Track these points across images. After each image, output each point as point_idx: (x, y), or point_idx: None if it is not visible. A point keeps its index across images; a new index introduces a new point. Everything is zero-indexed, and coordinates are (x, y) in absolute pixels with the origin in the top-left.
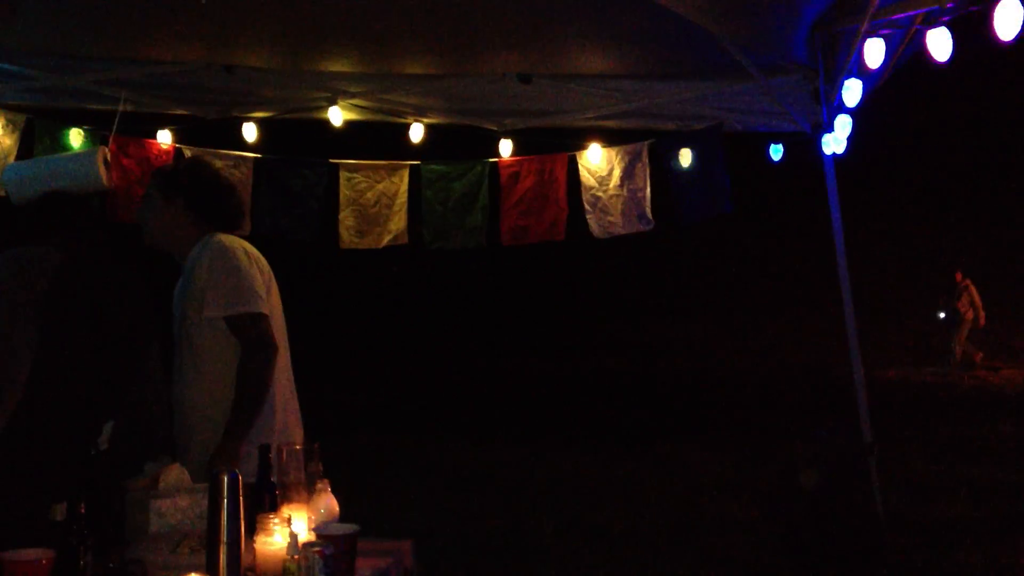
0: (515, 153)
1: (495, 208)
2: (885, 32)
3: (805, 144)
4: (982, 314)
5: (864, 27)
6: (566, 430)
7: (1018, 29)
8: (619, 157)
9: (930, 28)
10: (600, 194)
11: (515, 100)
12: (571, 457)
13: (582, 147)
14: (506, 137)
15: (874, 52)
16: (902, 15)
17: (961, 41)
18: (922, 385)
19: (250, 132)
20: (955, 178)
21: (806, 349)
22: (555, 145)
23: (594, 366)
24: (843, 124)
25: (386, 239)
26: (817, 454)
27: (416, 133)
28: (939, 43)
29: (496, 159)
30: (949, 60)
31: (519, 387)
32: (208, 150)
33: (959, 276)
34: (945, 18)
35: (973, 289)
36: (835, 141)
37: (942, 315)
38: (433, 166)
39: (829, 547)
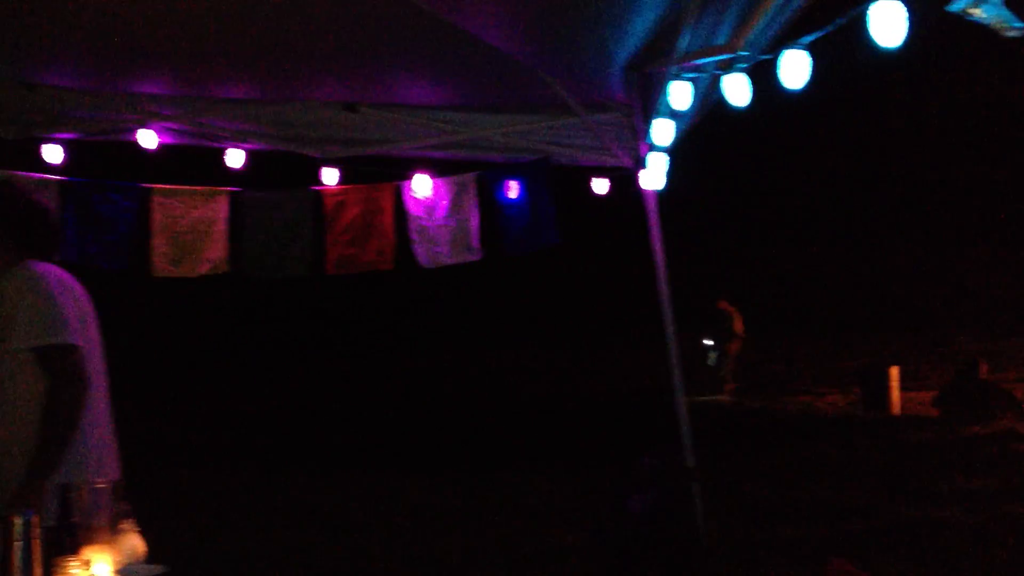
0: (341, 182)
1: (320, 237)
2: (691, 76)
3: (628, 179)
4: (738, 342)
5: (670, 70)
6: (399, 459)
7: (805, 78)
8: (447, 187)
9: (728, 74)
10: (427, 224)
11: (340, 128)
12: (409, 487)
13: (409, 177)
14: (331, 165)
15: (680, 94)
16: (705, 60)
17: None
18: (750, 410)
19: (55, 154)
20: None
21: (635, 376)
22: (382, 174)
23: (431, 394)
24: (657, 161)
25: (203, 268)
26: (642, 480)
27: (235, 158)
28: (736, 89)
29: (321, 187)
30: (749, 105)
31: (353, 416)
32: (7, 172)
33: (723, 304)
34: (741, 65)
35: (737, 317)
36: (652, 177)
37: (709, 343)
38: (254, 193)
39: (653, 572)
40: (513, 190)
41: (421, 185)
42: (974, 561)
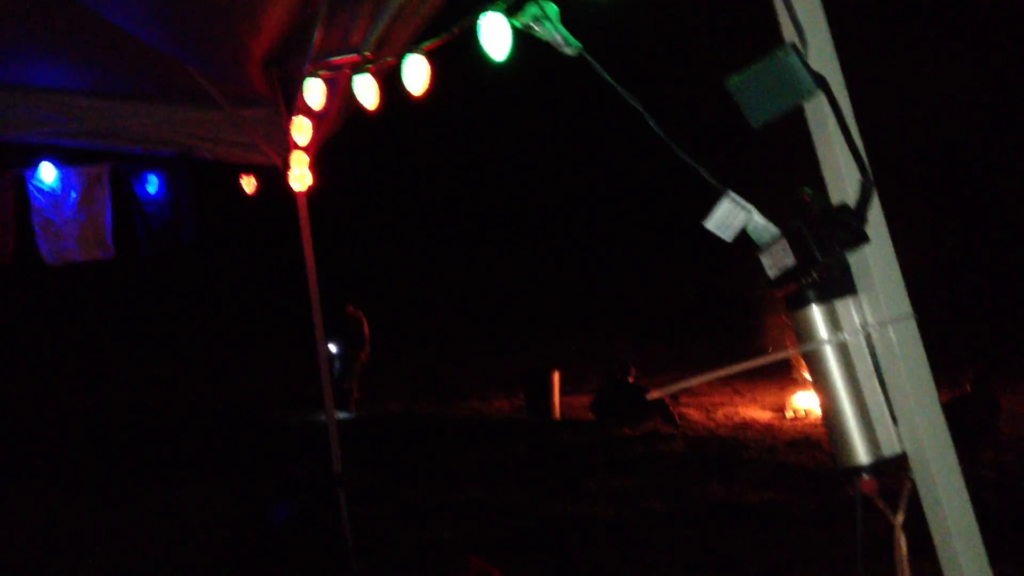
0: None
1: None
2: (326, 75)
3: (279, 178)
4: (368, 349)
5: (305, 68)
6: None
7: (425, 85)
8: (77, 178)
9: (358, 75)
10: (53, 217)
11: None
12: (55, 502)
13: (33, 166)
14: None
15: (315, 93)
16: (337, 59)
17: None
18: (419, 417)
19: None
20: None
21: (283, 382)
22: (1, 162)
23: (73, 406)
24: (299, 160)
25: None
26: (286, 487)
27: None
28: (366, 90)
29: None
30: (380, 107)
31: None
32: None
33: (350, 309)
34: (369, 67)
35: (364, 322)
36: (299, 177)
37: (334, 349)
38: None
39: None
40: (152, 184)
41: (47, 175)
42: (610, 553)
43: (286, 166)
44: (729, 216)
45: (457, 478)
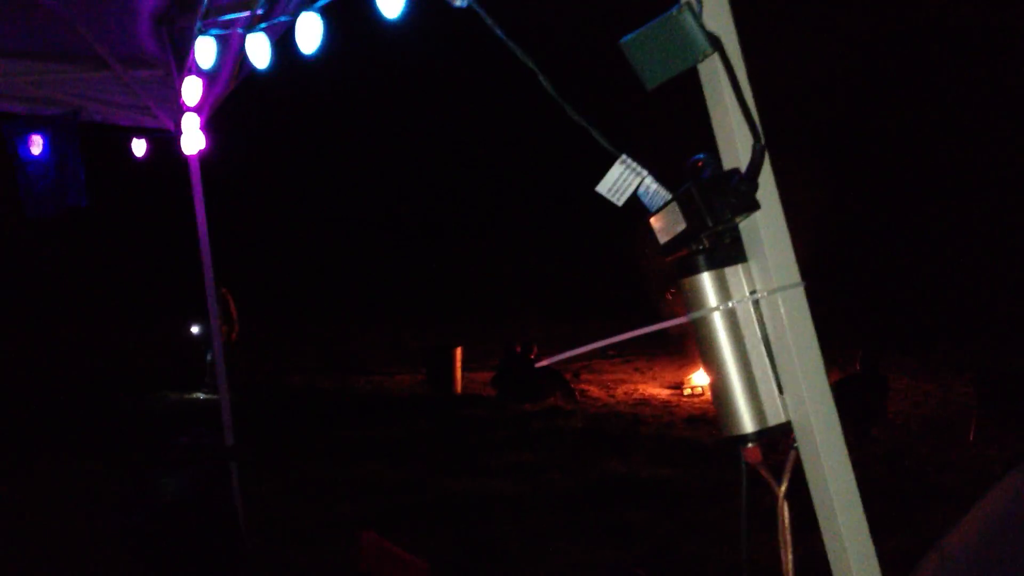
0: None
1: None
2: (216, 33)
3: (170, 142)
4: (237, 327)
5: (196, 26)
6: None
7: (318, 43)
8: None
9: (251, 33)
10: None
11: None
12: None
13: None
14: None
15: (205, 52)
16: (228, 17)
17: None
18: (321, 391)
19: None
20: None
21: (170, 354)
22: None
23: None
24: (190, 123)
25: None
26: (175, 460)
27: None
28: (258, 49)
29: None
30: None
31: None
32: None
33: (223, 289)
34: (262, 25)
35: (231, 301)
36: (190, 141)
37: (195, 330)
38: None
39: (187, 553)
40: (37, 145)
41: None
42: (508, 527)
43: (178, 129)
44: (622, 180)
45: (356, 452)
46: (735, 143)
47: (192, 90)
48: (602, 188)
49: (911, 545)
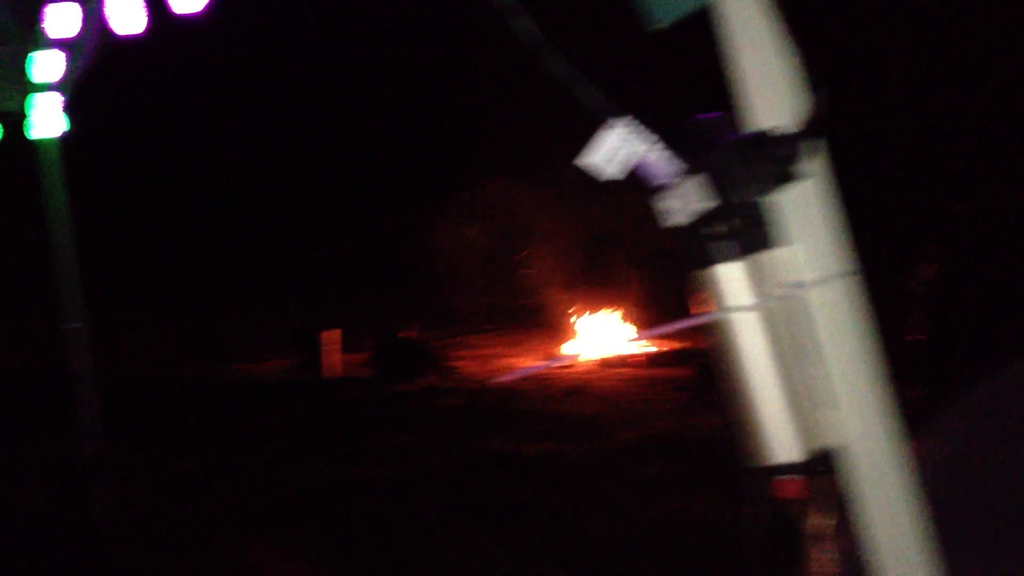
0: None
1: None
2: None
3: (18, 124)
4: None
5: None
6: None
7: (201, 5)
8: None
9: None
10: None
11: None
12: None
13: None
14: None
15: (63, 18)
16: None
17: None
18: (186, 381)
19: None
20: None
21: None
22: None
23: None
24: (47, 103)
25: None
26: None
27: None
28: (124, 12)
29: None
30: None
31: None
32: None
33: None
34: None
35: None
36: (45, 123)
37: None
38: None
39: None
40: None
41: None
42: (393, 513)
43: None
44: (618, 146)
45: (227, 444)
46: (771, 96)
47: (50, 65)
48: (594, 157)
49: None
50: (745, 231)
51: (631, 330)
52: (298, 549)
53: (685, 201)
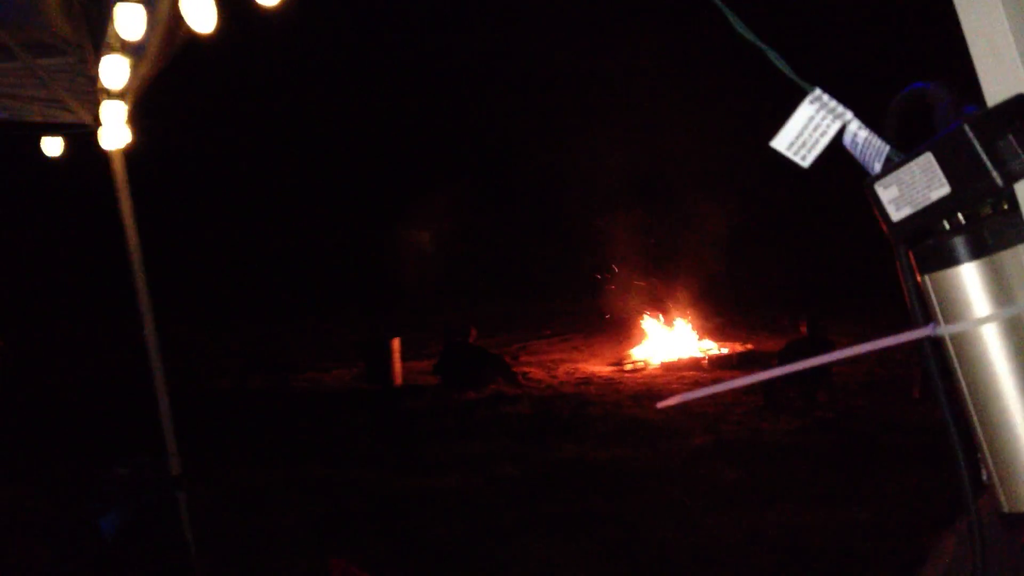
0: None
1: None
2: None
3: (88, 137)
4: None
5: None
6: None
7: None
8: None
9: None
10: None
11: None
12: None
13: None
14: None
15: (130, 21)
16: None
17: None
18: (254, 392)
19: None
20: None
21: (110, 368)
22: None
23: None
24: (113, 112)
25: None
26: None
27: None
28: (199, 8)
29: None
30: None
31: None
32: None
33: None
34: None
35: None
36: (112, 134)
37: None
38: None
39: None
40: None
41: None
42: (464, 525)
43: (96, 122)
44: (813, 127)
45: (297, 454)
46: (1012, 57)
47: (116, 72)
48: (781, 142)
49: (865, 516)
50: (989, 223)
51: (693, 333)
52: (371, 560)
53: (909, 188)
